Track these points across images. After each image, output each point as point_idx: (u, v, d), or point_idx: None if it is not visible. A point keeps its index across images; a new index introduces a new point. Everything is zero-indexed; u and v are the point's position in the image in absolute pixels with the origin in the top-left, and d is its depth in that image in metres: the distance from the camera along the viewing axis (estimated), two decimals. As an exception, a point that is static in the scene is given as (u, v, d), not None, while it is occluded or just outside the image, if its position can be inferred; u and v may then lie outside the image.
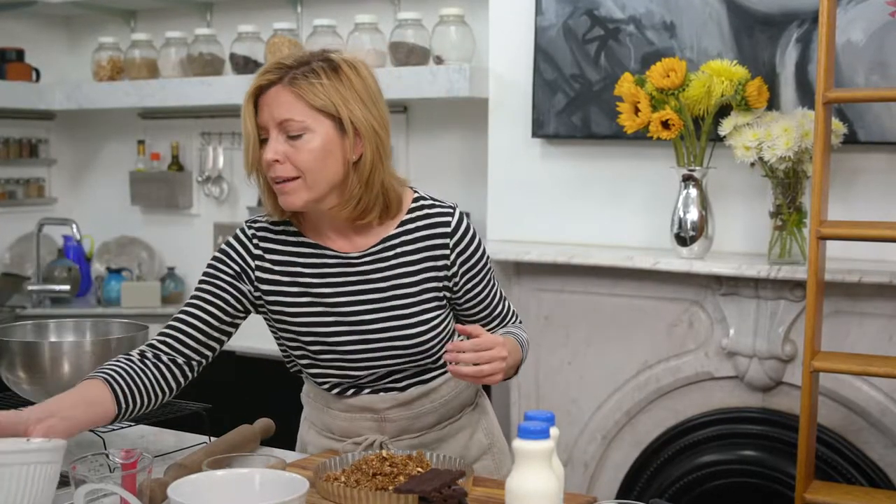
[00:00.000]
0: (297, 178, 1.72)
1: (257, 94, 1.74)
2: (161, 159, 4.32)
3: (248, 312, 1.87)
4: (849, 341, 2.68)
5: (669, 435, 2.93)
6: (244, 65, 3.83)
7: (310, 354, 1.85)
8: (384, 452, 1.73)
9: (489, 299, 1.91)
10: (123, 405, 1.70)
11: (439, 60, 3.45)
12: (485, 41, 3.37)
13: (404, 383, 1.87)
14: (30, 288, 4.02)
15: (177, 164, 4.27)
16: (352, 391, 1.87)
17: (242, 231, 1.86)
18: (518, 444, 1.39)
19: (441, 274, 1.84)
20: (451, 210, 1.85)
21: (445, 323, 1.87)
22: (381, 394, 1.86)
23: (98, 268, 4.34)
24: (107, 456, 1.49)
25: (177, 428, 2.09)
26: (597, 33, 3.04)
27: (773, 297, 2.75)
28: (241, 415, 2.14)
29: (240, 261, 1.83)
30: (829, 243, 2.54)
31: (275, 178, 1.73)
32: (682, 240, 2.83)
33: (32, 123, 4.47)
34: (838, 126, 2.63)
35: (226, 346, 1.88)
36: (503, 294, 1.96)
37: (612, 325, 3.00)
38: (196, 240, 4.28)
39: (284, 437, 2.06)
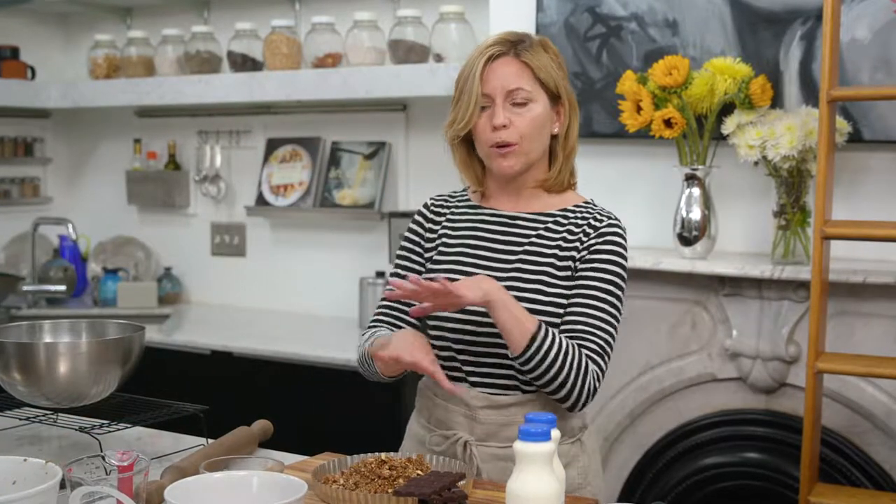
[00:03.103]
0: (516, 144, 1.85)
1: (485, 65, 1.87)
2: (158, 158, 4.30)
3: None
4: (853, 342, 2.66)
5: (672, 437, 2.91)
6: (242, 63, 3.81)
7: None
8: (383, 455, 1.73)
9: (581, 302, 1.84)
10: None
11: (439, 58, 3.42)
12: (485, 39, 3.34)
13: (502, 381, 1.86)
14: (25, 288, 3.99)
15: (173, 163, 4.25)
16: (457, 375, 1.89)
17: (424, 204, 2.04)
18: (519, 445, 1.38)
19: (569, 254, 1.87)
20: (615, 218, 1.92)
21: (559, 314, 1.85)
22: (479, 389, 1.87)
23: (94, 268, 4.31)
24: (103, 458, 1.47)
25: (174, 430, 2.07)
26: (598, 31, 3.02)
27: (776, 297, 2.73)
28: (238, 416, 2.12)
29: (421, 220, 2.01)
30: (833, 243, 2.53)
31: (499, 142, 1.85)
32: (685, 240, 2.81)
33: (28, 122, 4.45)
34: (843, 125, 2.61)
35: (225, 347, 1.86)
36: (603, 328, 1.84)
37: (613, 326, 2.98)
38: (193, 239, 4.26)
39: (283, 439, 2.04)
